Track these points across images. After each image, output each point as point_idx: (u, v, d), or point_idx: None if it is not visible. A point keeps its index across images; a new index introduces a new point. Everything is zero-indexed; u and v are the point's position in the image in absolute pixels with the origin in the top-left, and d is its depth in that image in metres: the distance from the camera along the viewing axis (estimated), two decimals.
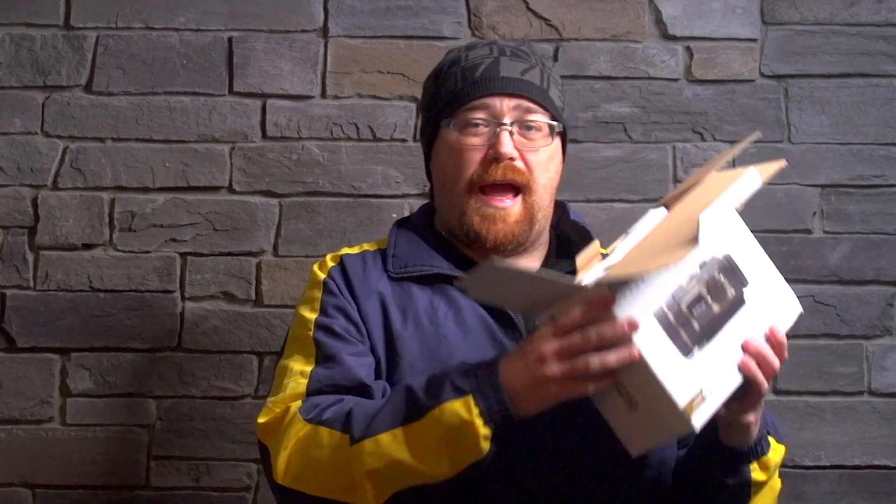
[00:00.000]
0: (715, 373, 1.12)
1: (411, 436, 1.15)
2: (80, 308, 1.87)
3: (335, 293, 1.36)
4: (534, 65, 1.39)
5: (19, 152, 1.90)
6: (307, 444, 1.21)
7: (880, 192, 1.93)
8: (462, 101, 1.36)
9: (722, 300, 1.15)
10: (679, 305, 1.11)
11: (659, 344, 1.08)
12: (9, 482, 1.85)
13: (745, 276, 1.18)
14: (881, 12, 1.95)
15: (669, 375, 1.07)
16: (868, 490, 1.88)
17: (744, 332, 1.16)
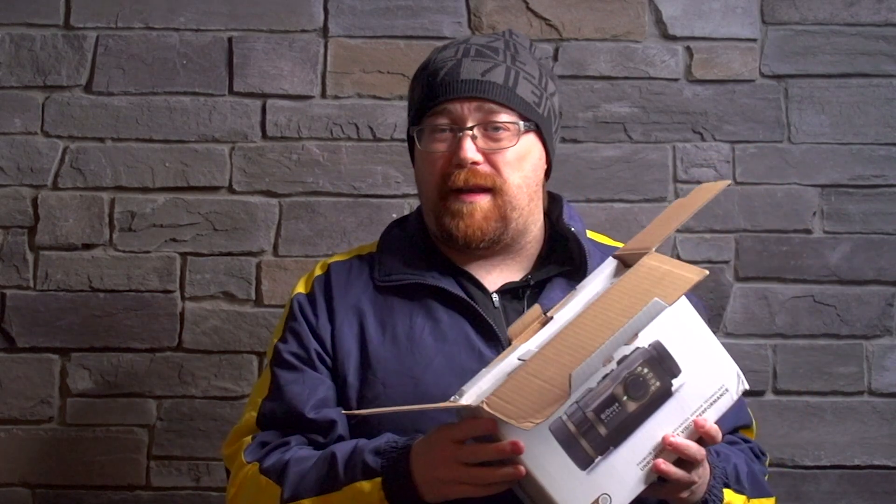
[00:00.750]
0: (618, 479, 1.10)
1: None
2: (80, 308, 1.87)
3: (296, 315, 1.37)
4: (499, 62, 1.35)
5: (19, 152, 1.90)
6: (249, 485, 1.28)
7: (880, 192, 1.93)
8: (426, 109, 1.36)
9: (641, 396, 1.12)
10: (584, 412, 1.10)
11: (551, 459, 1.09)
12: (9, 482, 1.85)
13: (676, 363, 1.14)
14: (881, 12, 1.95)
15: (560, 491, 1.08)
16: (868, 490, 1.88)
17: (666, 426, 1.12)
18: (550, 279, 1.35)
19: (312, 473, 1.24)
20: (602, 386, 1.11)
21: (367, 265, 1.40)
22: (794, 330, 1.90)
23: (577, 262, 1.37)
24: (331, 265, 1.41)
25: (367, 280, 1.38)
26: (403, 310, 1.34)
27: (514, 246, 1.38)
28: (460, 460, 1.13)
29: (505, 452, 1.09)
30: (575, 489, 1.09)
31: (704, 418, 1.14)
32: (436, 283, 1.34)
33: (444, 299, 1.34)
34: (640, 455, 1.12)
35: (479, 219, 1.32)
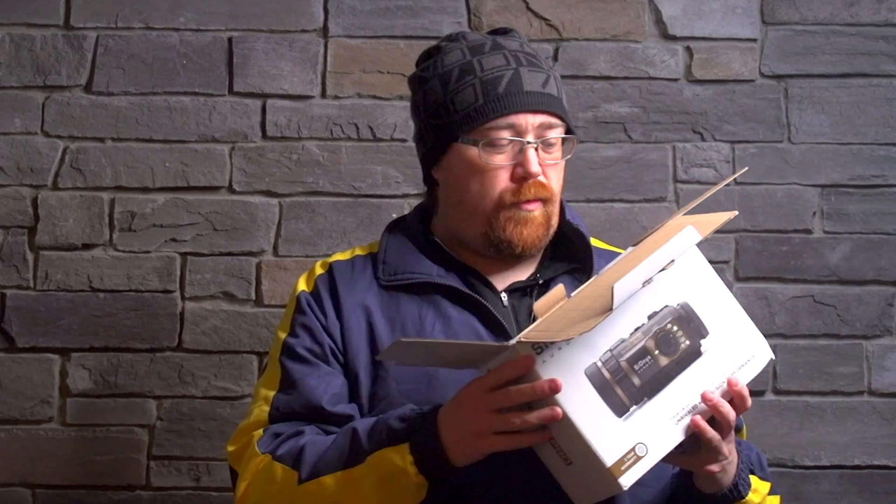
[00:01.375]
0: (654, 430, 1.11)
1: (351, 480, 1.19)
2: (80, 308, 1.87)
3: (305, 311, 1.35)
4: (546, 72, 1.36)
5: (19, 152, 1.90)
6: (263, 477, 1.25)
7: (880, 192, 1.93)
8: (485, 118, 1.32)
9: (672, 353, 1.13)
10: (618, 361, 1.10)
11: (588, 403, 1.08)
12: (9, 482, 1.85)
13: (704, 325, 1.16)
14: (881, 12, 1.95)
15: (597, 435, 1.08)
16: (868, 490, 1.88)
17: (697, 385, 1.14)
18: (557, 277, 1.36)
19: (332, 451, 1.22)
20: (634, 338, 1.12)
21: (371, 264, 1.39)
22: (794, 330, 1.90)
23: (583, 260, 1.38)
24: (332, 264, 1.40)
25: (370, 279, 1.37)
26: (412, 307, 1.33)
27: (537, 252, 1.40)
28: (492, 408, 1.11)
29: (542, 391, 1.07)
30: (612, 435, 1.08)
31: (736, 378, 1.16)
32: (444, 281, 1.34)
33: (453, 297, 1.33)
34: (673, 410, 1.12)
35: (536, 226, 1.33)
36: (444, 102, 1.35)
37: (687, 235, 1.15)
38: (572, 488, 1.13)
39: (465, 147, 1.33)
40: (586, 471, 1.09)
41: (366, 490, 1.18)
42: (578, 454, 1.09)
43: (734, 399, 1.15)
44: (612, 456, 1.08)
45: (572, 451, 1.09)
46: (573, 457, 1.10)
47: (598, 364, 1.10)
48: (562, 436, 1.09)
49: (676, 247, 1.14)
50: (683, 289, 1.16)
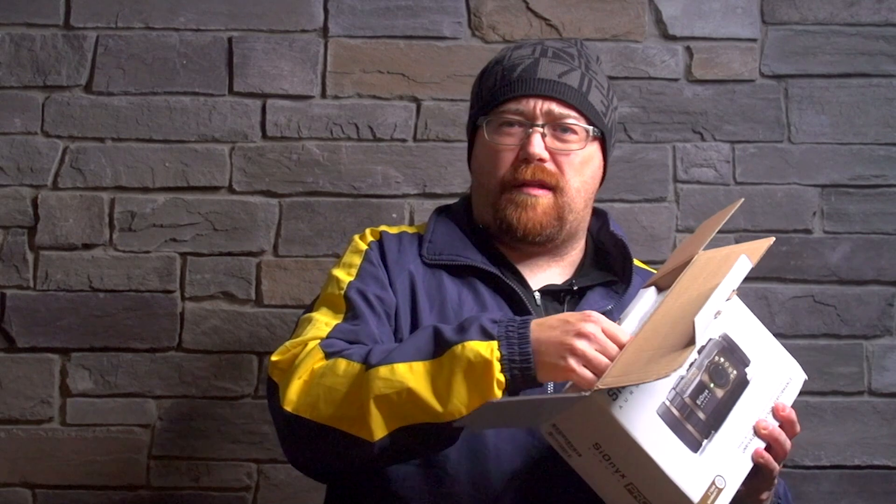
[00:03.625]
0: (726, 461, 1.11)
1: (428, 369, 1.14)
2: (80, 308, 1.87)
3: (374, 263, 1.37)
4: (574, 67, 1.38)
5: (19, 152, 1.90)
6: (323, 372, 1.19)
7: (880, 192, 1.93)
8: (497, 101, 1.37)
9: (724, 384, 1.14)
10: (682, 398, 1.10)
11: (666, 443, 1.07)
12: (9, 482, 1.85)
13: (745, 354, 1.17)
14: (881, 12, 1.95)
15: (681, 474, 1.07)
16: (868, 490, 1.88)
17: (751, 413, 1.14)
18: (592, 287, 1.37)
19: (410, 342, 1.19)
20: (691, 374, 1.12)
21: (416, 242, 1.41)
22: (794, 330, 1.90)
23: (621, 272, 1.39)
24: (382, 233, 1.43)
25: (415, 254, 1.39)
26: (452, 287, 1.35)
27: (562, 249, 1.40)
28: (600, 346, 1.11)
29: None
30: (693, 472, 1.07)
31: (783, 403, 1.17)
32: (487, 268, 1.35)
33: (492, 285, 1.35)
34: (738, 439, 1.12)
35: (539, 212, 1.34)
36: (477, 91, 1.44)
37: (742, 265, 1.15)
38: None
39: (482, 130, 1.38)
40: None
41: (442, 378, 1.13)
42: (661, 495, 1.08)
43: (783, 424, 1.16)
44: (697, 492, 1.07)
45: (654, 493, 1.08)
46: (654, 498, 1.08)
47: (666, 403, 1.09)
48: (643, 479, 1.08)
49: (736, 277, 1.14)
50: (721, 322, 1.16)
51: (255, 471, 1.86)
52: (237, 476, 1.86)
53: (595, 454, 1.09)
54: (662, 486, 1.07)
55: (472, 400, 1.12)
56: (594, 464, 1.09)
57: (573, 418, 1.08)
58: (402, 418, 1.14)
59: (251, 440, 1.85)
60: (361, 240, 1.42)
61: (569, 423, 1.09)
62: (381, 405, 1.14)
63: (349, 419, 1.16)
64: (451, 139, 1.90)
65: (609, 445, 1.08)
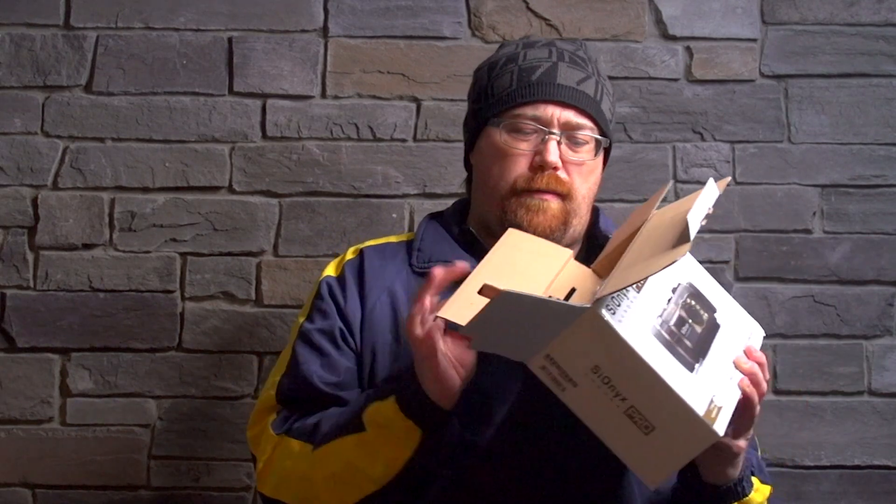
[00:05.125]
0: (718, 386, 1.10)
1: (357, 440, 1.22)
2: (80, 308, 1.87)
3: (324, 296, 1.38)
4: (590, 74, 1.38)
5: (19, 152, 1.90)
6: (279, 455, 1.29)
7: (880, 192, 1.93)
8: (514, 103, 1.36)
9: (700, 322, 1.14)
10: (669, 325, 1.10)
11: (665, 360, 1.06)
12: (9, 482, 1.85)
13: (710, 302, 1.18)
14: (881, 12, 1.95)
15: (683, 387, 1.05)
16: (868, 490, 1.88)
17: (729, 353, 1.15)
18: None
19: (340, 417, 1.26)
20: (670, 308, 1.13)
21: (404, 251, 1.41)
22: (794, 330, 1.90)
23: None
24: (363, 249, 1.43)
25: (401, 265, 1.39)
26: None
27: None
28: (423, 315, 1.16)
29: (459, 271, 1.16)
30: (693, 388, 1.06)
31: (752, 347, 1.18)
32: None
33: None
34: (723, 371, 1.13)
35: (549, 216, 1.34)
36: (485, 88, 1.41)
37: (711, 187, 1.17)
38: (648, 464, 1.09)
39: (494, 130, 1.37)
40: (673, 434, 1.06)
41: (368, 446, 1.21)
42: (665, 414, 1.06)
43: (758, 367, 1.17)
44: (701, 406, 1.05)
45: (657, 412, 1.06)
46: (657, 420, 1.06)
47: (657, 327, 1.09)
48: (646, 399, 1.06)
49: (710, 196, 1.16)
50: (684, 269, 1.18)
51: (255, 471, 1.86)
52: (237, 476, 1.86)
53: (593, 380, 1.06)
54: (666, 403, 1.05)
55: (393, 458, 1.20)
56: (592, 392, 1.07)
57: (570, 342, 1.06)
58: (350, 492, 1.23)
59: None
60: (332, 267, 1.44)
61: (565, 349, 1.07)
62: (331, 482, 1.24)
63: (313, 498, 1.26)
64: (452, 139, 1.90)
65: (609, 365, 1.06)
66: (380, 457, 1.20)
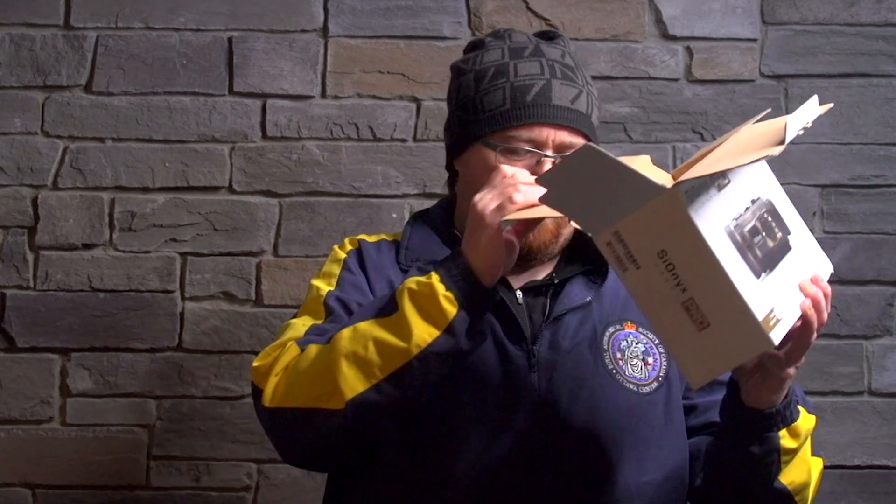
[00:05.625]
0: (781, 298, 1.07)
1: (388, 319, 1.18)
2: (80, 308, 1.87)
3: (353, 271, 1.37)
4: (581, 88, 1.37)
5: (19, 152, 1.90)
6: (297, 363, 1.22)
7: (880, 192, 1.93)
8: (508, 124, 1.34)
9: (773, 237, 1.11)
10: (743, 230, 1.07)
11: (734, 258, 1.03)
12: (9, 482, 1.85)
13: (786, 224, 1.16)
14: (881, 12, 1.95)
15: (747, 289, 1.02)
16: (868, 490, 1.88)
17: (795, 274, 1.12)
18: (572, 278, 1.37)
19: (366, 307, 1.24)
20: (747, 215, 1.09)
21: (394, 249, 1.41)
22: None
23: (598, 262, 1.38)
24: (361, 241, 1.42)
25: (393, 261, 1.39)
26: None
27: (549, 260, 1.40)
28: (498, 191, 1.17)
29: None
30: (756, 293, 1.03)
31: (819, 276, 1.17)
32: None
33: None
34: (787, 288, 1.10)
35: (546, 232, 1.34)
36: (473, 99, 1.38)
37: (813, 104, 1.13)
38: (695, 361, 1.06)
39: (485, 149, 1.35)
40: (727, 334, 1.03)
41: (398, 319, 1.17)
42: (723, 312, 1.03)
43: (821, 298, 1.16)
44: (761, 311, 1.03)
45: (716, 309, 1.03)
46: (714, 317, 1.03)
47: (731, 226, 1.05)
48: (706, 293, 1.03)
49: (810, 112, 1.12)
50: (767, 187, 1.16)
51: (255, 471, 1.86)
52: (237, 476, 1.86)
53: (657, 264, 1.03)
54: (727, 301, 1.02)
55: (431, 325, 1.16)
56: (653, 276, 1.04)
57: (642, 221, 1.03)
58: (374, 371, 1.17)
59: (251, 440, 1.85)
60: (340, 249, 1.42)
61: (635, 228, 1.03)
62: (350, 362, 1.17)
63: (325, 395, 1.18)
64: None
65: (677, 252, 1.03)
66: (412, 329, 1.16)
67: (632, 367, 1.30)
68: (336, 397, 1.17)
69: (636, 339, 1.32)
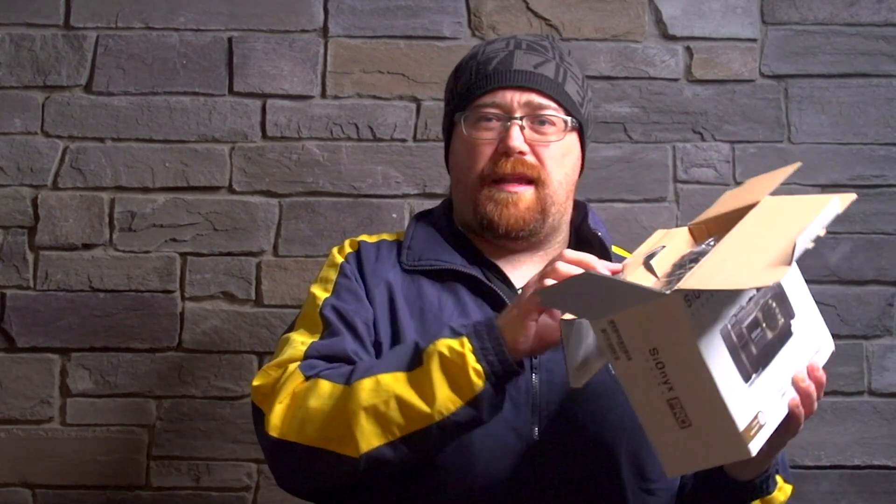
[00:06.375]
0: (768, 401, 1.08)
1: (412, 376, 1.16)
2: (80, 308, 1.87)
3: (349, 276, 1.36)
4: (549, 58, 1.37)
5: (19, 152, 1.90)
6: (305, 395, 1.20)
7: (880, 192, 1.93)
8: (474, 95, 1.36)
9: (774, 327, 1.11)
10: (741, 327, 1.07)
11: (723, 363, 1.04)
12: (9, 482, 1.85)
13: (792, 307, 1.15)
14: (881, 12, 1.95)
15: (732, 398, 1.03)
16: (868, 490, 1.88)
17: (790, 365, 1.13)
18: None
19: (390, 356, 1.21)
20: (749, 307, 1.09)
21: (396, 249, 1.40)
22: None
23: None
24: (360, 243, 1.42)
25: (394, 262, 1.38)
26: (432, 292, 1.33)
27: (545, 244, 1.39)
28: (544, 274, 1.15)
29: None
30: (742, 400, 1.04)
31: (816, 364, 1.16)
32: (466, 270, 1.34)
33: (472, 287, 1.34)
34: (779, 385, 1.10)
35: (522, 209, 1.33)
36: (452, 87, 1.41)
37: (834, 205, 1.13)
38: (674, 455, 1.07)
39: (459, 126, 1.37)
40: (707, 437, 1.04)
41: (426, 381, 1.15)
42: (705, 416, 1.04)
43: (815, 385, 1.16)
44: (743, 421, 1.03)
45: (699, 412, 1.04)
46: (696, 419, 1.04)
47: (728, 326, 1.05)
48: (692, 396, 1.04)
49: (829, 215, 1.11)
50: None
51: (255, 471, 1.86)
52: (237, 476, 1.86)
53: (647, 360, 1.04)
54: (711, 406, 1.03)
55: (456, 394, 1.13)
56: (642, 371, 1.05)
57: (638, 317, 1.04)
58: (394, 426, 1.15)
59: (251, 440, 1.85)
60: (339, 253, 1.41)
61: (630, 322, 1.05)
62: (370, 416, 1.16)
63: (337, 438, 1.17)
64: None
65: (668, 353, 1.04)
66: (436, 395, 1.14)
67: None
68: (351, 446, 1.16)
69: None
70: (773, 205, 1.19)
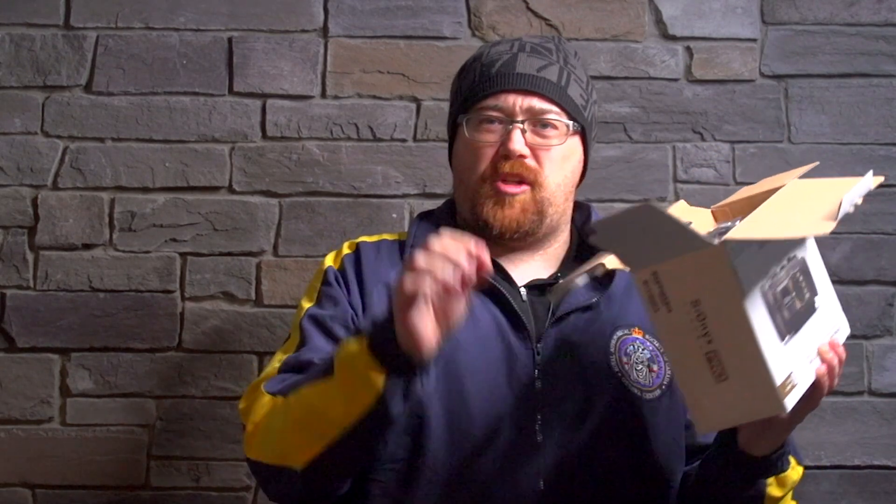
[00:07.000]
0: (800, 364, 1.08)
1: (323, 385, 1.17)
2: (80, 308, 1.87)
3: (331, 283, 1.37)
4: (553, 62, 1.38)
5: (19, 152, 1.90)
6: (268, 413, 1.23)
7: (880, 192, 1.93)
8: (477, 98, 1.37)
9: (801, 298, 1.13)
10: (774, 290, 1.08)
11: (762, 319, 1.04)
12: (9, 482, 1.85)
13: (815, 284, 1.17)
14: (881, 12, 1.95)
15: (770, 351, 1.03)
16: (868, 490, 1.88)
17: (815, 338, 1.13)
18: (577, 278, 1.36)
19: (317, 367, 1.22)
20: (781, 274, 1.10)
21: (398, 249, 1.41)
22: None
23: None
24: (359, 244, 1.43)
25: (395, 262, 1.39)
26: None
27: (545, 244, 1.40)
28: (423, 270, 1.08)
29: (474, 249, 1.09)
30: (779, 357, 1.05)
31: (836, 341, 1.17)
32: None
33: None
34: (807, 352, 1.11)
35: (517, 210, 1.34)
36: (456, 89, 1.43)
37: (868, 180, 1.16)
38: (707, 410, 1.07)
39: (462, 127, 1.38)
40: (743, 389, 1.04)
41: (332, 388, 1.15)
42: (743, 369, 1.04)
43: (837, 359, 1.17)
44: (780, 376, 1.04)
45: (737, 365, 1.04)
46: (734, 372, 1.04)
47: (766, 286, 1.06)
48: (731, 348, 1.04)
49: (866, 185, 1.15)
50: (802, 244, 1.16)
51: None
52: (237, 476, 1.86)
53: (689, 312, 1.05)
54: (749, 360, 1.03)
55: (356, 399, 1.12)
56: (682, 322, 1.05)
57: (681, 268, 1.04)
58: (315, 438, 1.16)
59: None
60: (334, 257, 1.42)
61: (674, 273, 1.04)
62: (297, 429, 1.18)
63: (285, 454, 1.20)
64: None
65: (710, 305, 1.04)
66: (340, 398, 1.14)
67: (636, 373, 1.30)
68: (293, 459, 1.19)
69: (643, 345, 1.32)
70: (802, 184, 1.20)
